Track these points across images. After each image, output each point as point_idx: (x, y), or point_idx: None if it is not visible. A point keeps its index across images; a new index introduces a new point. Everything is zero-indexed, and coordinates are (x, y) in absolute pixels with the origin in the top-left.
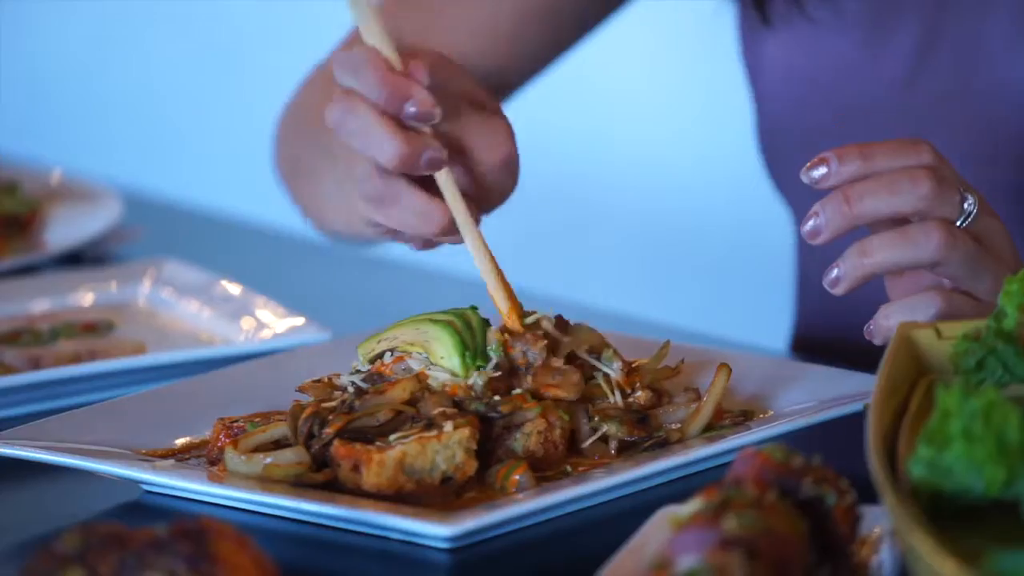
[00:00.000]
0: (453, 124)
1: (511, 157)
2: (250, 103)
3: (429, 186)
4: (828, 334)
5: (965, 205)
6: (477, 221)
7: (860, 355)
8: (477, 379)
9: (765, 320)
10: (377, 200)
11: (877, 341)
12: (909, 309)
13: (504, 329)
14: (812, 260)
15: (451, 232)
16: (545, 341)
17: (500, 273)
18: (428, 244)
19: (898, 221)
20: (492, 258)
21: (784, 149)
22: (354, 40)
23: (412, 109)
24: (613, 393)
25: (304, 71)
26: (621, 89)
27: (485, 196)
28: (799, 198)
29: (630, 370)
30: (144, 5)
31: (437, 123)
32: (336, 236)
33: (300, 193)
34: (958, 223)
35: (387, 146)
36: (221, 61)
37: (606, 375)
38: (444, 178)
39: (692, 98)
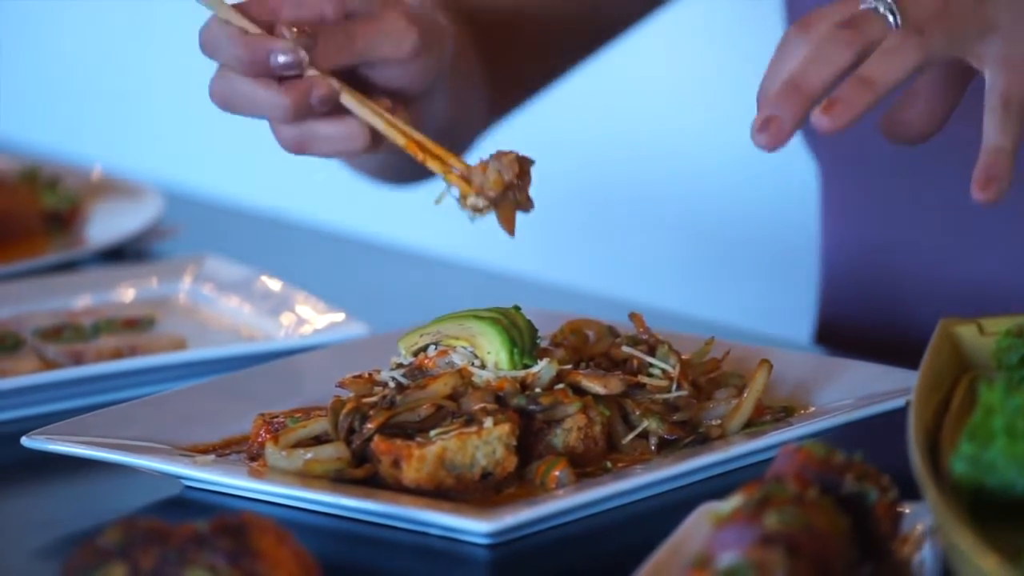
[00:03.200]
0: (350, 36)
1: (415, 49)
2: None
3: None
4: (851, 324)
5: (889, 18)
6: (399, 114)
7: (883, 345)
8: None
9: (791, 315)
10: (299, 146)
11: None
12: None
13: (577, 351)
14: (836, 249)
15: (380, 139)
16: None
17: (428, 144)
18: (375, 147)
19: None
20: (418, 139)
21: None
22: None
23: (278, 61)
24: (671, 389)
25: None
26: (661, 85)
27: (407, 87)
28: (826, 147)
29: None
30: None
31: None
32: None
33: None
34: (892, 25)
35: (272, 104)
36: None
37: (664, 370)
38: (346, 99)
39: (731, 94)
